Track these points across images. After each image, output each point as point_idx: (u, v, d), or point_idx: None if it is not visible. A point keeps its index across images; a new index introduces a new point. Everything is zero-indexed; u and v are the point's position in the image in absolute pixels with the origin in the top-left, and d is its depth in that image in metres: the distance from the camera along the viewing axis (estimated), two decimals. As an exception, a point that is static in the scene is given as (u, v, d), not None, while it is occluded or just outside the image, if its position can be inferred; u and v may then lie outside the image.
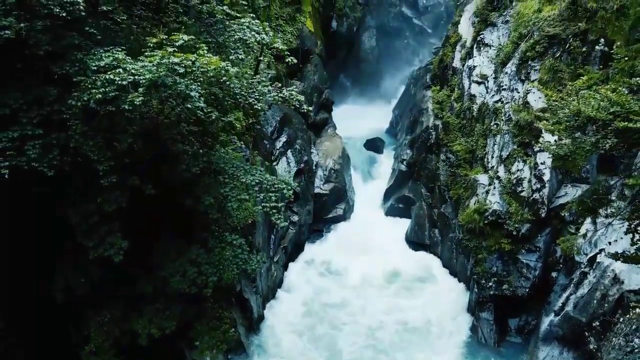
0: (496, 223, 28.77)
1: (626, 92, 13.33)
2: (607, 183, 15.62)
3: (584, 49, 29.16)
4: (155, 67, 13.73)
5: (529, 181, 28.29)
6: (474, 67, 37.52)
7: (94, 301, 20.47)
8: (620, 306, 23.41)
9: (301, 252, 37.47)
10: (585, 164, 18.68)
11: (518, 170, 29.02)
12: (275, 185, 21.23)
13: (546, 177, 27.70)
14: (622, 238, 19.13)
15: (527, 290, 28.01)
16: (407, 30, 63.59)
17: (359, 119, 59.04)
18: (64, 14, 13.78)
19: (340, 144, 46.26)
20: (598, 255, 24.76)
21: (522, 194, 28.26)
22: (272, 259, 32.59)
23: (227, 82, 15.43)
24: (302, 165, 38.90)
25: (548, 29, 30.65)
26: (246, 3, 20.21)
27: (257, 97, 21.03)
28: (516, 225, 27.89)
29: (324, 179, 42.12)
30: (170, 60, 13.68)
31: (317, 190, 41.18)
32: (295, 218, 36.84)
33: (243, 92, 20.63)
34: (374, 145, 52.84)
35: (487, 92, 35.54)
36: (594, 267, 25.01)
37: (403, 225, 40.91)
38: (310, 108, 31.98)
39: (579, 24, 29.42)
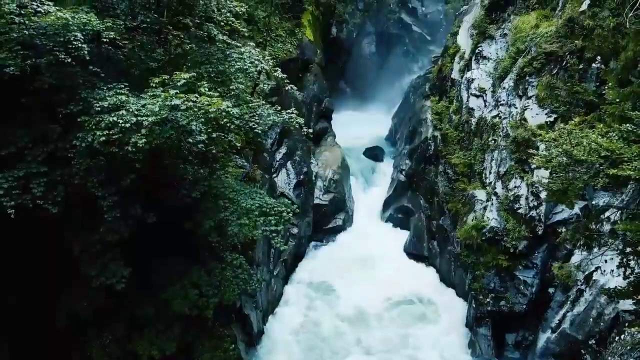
0: (493, 239, 29.08)
1: (616, 137, 13.62)
2: (601, 215, 15.89)
3: (580, 67, 29.38)
4: (158, 109, 14.03)
5: (526, 198, 28.59)
6: (473, 79, 37.79)
7: (96, 322, 20.77)
8: (616, 325, 23.76)
9: (300, 262, 37.72)
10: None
11: (515, 186, 29.33)
12: (275, 209, 21.52)
13: (543, 195, 27.93)
14: (613, 270, 19.47)
15: (524, 306, 28.32)
16: (407, 37, 63.85)
17: (358, 125, 59.24)
18: (68, 60, 14.06)
19: (339, 154, 46.54)
20: (594, 273, 25.09)
21: (520, 210, 28.57)
22: (272, 272, 32.86)
23: (228, 124, 15.69)
24: (301, 176, 39.16)
25: (545, 45, 30.86)
26: (244, 11, 20.30)
27: (257, 120, 21.40)
28: (513, 243, 28.19)
29: (323, 190, 42.39)
30: (173, 103, 13.98)
31: (316, 201, 41.42)
32: (295, 230, 37.11)
33: (244, 117, 21.04)
34: (373, 153, 53.12)
35: (485, 106, 35.84)
36: (590, 284, 25.35)
37: (402, 235, 41.18)
38: (310, 130, 32.28)
39: (576, 41, 29.62)
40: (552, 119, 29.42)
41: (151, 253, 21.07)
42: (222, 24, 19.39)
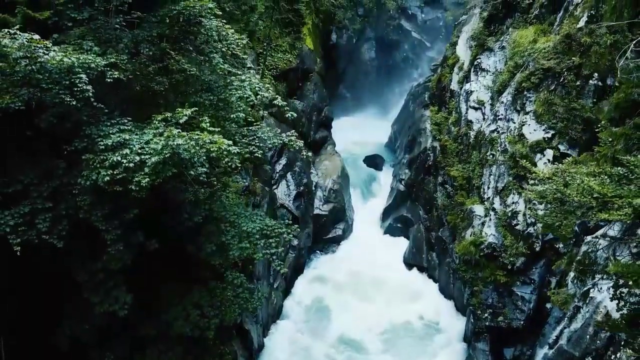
0: (492, 255, 29.36)
1: (608, 180, 13.90)
2: (596, 248, 16.19)
3: (577, 83, 29.63)
4: (160, 147, 14.32)
5: (524, 214, 28.85)
6: (471, 92, 38.06)
7: (98, 344, 21.04)
8: (612, 343, 24.00)
9: (300, 274, 37.97)
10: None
11: (513, 202, 29.60)
12: (275, 230, 21.77)
13: (540, 212, 28.17)
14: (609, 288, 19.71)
15: (521, 322, 28.60)
16: (406, 44, 64.13)
17: (358, 131, 59.68)
18: (74, 103, 14.34)
19: (339, 163, 46.80)
20: (591, 290, 25.34)
21: (517, 227, 28.83)
22: (272, 286, 33.14)
23: (229, 163, 15.99)
24: (301, 187, 39.44)
25: (543, 61, 31.09)
26: (244, 43, 20.57)
27: (258, 144, 21.69)
28: (511, 259, 28.47)
29: (323, 200, 42.65)
30: (175, 143, 14.27)
31: (316, 212, 41.68)
32: (295, 242, 37.26)
33: (244, 141, 21.36)
34: (373, 161, 53.48)
35: (483, 119, 36.11)
36: (587, 301, 25.58)
37: (401, 245, 41.50)
38: (310, 154, 32.71)
39: (573, 58, 29.85)
40: (549, 135, 29.68)
41: (152, 274, 21.36)
42: (223, 50, 19.60)
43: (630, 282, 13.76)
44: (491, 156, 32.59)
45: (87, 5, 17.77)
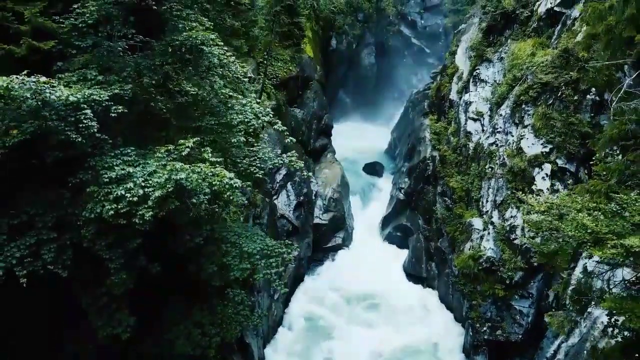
0: (490, 269, 29.64)
1: (602, 217, 14.17)
2: (591, 278, 16.44)
3: (575, 98, 29.89)
4: (164, 181, 14.58)
5: (522, 229, 29.09)
6: (470, 102, 38.34)
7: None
8: (609, 359, 24.29)
9: (300, 284, 38.22)
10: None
11: (512, 216, 29.87)
12: (276, 250, 22.00)
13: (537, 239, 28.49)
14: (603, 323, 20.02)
15: (520, 336, 28.88)
16: (406, 50, 64.51)
17: (358, 136, 60.17)
18: (79, 139, 14.61)
19: (339, 171, 47.08)
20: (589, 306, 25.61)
21: (516, 241, 29.10)
22: (273, 297, 33.38)
23: (232, 197, 16.25)
24: (301, 197, 39.68)
25: (541, 75, 31.36)
26: (245, 72, 20.82)
27: (259, 165, 21.93)
28: (509, 274, 28.75)
29: (323, 209, 42.90)
30: (178, 177, 14.53)
31: (316, 221, 41.89)
32: (295, 253, 37.49)
33: (245, 161, 21.60)
34: (373, 169, 53.78)
35: (482, 131, 36.37)
36: (584, 316, 25.84)
37: (401, 254, 41.79)
38: (310, 174, 32.87)
39: (571, 72, 30.10)
40: (547, 150, 29.95)
41: (154, 293, 21.59)
42: (224, 74, 19.84)
43: (623, 318, 14.03)
44: (490, 169, 32.84)
45: (91, 31, 18.01)
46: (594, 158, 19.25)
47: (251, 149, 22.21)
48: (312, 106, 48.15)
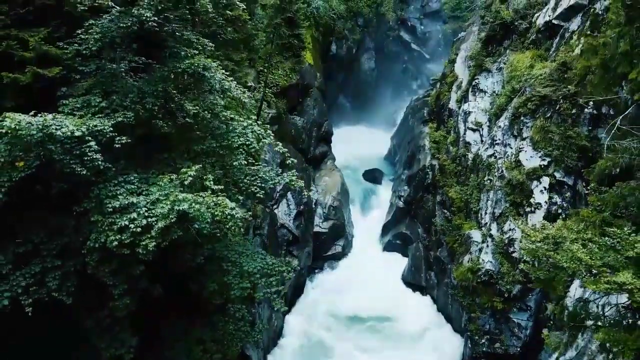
0: (489, 282, 29.89)
1: (596, 249, 14.43)
2: (586, 304, 16.71)
3: (573, 111, 30.06)
4: (167, 211, 14.85)
5: (520, 242, 29.28)
6: (469, 112, 38.56)
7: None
8: (606, 373, 24.54)
9: (300, 295, 38.40)
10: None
11: (510, 229, 30.09)
12: (276, 269, 22.27)
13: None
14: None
15: (518, 349, 29.15)
16: (406, 55, 64.68)
17: (358, 141, 60.14)
18: (84, 172, 14.87)
19: (339, 178, 47.30)
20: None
21: (514, 254, 29.33)
22: (273, 308, 33.53)
23: (233, 227, 16.50)
24: (301, 206, 39.88)
25: (539, 88, 31.53)
26: (246, 100, 21.06)
27: (259, 184, 22.19)
28: (508, 287, 29.00)
29: (323, 217, 43.12)
30: (181, 208, 14.80)
31: (316, 229, 42.08)
32: (295, 262, 37.71)
33: (246, 181, 21.86)
34: (372, 176, 53.95)
35: (481, 141, 36.61)
36: (582, 330, 26.09)
37: (400, 262, 42.00)
38: (310, 193, 33.07)
39: (569, 86, 30.29)
40: (545, 163, 30.16)
41: (155, 311, 21.85)
42: (226, 96, 20.11)
43: (616, 350, 14.29)
44: (488, 181, 33.08)
45: (95, 53, 18.26)
46: (588, 187, 19.50)
47: (252, 167, 22.46)
48: (312, 114, 48.35)
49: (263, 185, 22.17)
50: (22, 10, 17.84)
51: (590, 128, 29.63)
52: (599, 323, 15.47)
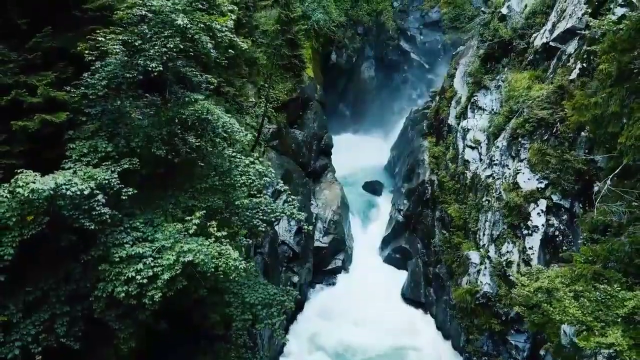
0: (486, 305, 30.33)
1: (587, 303, 14.86)
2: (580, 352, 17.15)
3: (570, 135, 30.43)
4: (172, 262, 15.30)
5: (518, 265, 29.79)
6: (468, 130, 38.97)
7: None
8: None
9: (301, 312, 38.78)
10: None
11: (508, 252, 30.52)
12: (277, 298, 22.72)
13: (534, 263, 29.13)
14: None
15: (516, 371, 29.61)
16: (405, 64, 64.99)
17: (357, 150, 60.54)
18: (92, 227, 15.32)
19: (339, 191, 47.69)
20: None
21: (511, 277, 29.71)
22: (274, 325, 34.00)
23: (236, 277, 16.94)
24: (302, 222, 40.15)
25: (536, 110, 31.87)
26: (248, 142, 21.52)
27: (261, 217, 22.67)
28: (505, 309, 29.41)
29: (323, 231, 43.54)
30: (186, 259, 15.25)
31: (316, 244, 42.52)
32: (296, 279, 38.28)
33: (247, 214, 22.31)
34: (372, 187, 54.41)
35: (480, 160, 37.01)
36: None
37: (400, 277, 42.42)
38: (311, 227, 33.38)
39: (566, 109, 30.61)
40: (543, 185, 30.54)
41: (159, 342, 22.29)
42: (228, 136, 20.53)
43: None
44: (487, 202, 33.51)
45: (100, 97, 18.69)
46: (581, 238, 19.90)
47: (254, 200, 22.89)
48: (313, 127, 48.79)
49: (265, 218, 22.65)
50: (31, 56, 18.22)
51: (586, 151, 29.95)
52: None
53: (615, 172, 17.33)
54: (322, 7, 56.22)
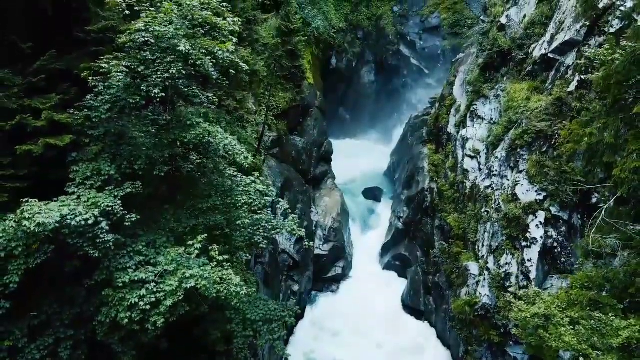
0: (485, 316, 30.54)
1: (583, 331, 15.09)
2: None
3: (568, 146, 30.60)
4: (175, 288, 15.54)
5: (517, 277, 30.01)
6: (467, 139, 39.17)
7: None
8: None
9: (301, 321, 38.96)
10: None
11: (506, 263, 30.72)
12: (278, 314, 22.96)
13: (532, 275, 29.39)
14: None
15: (514, 383, 29.85)
16: (405, 69, 65.12)
17: (357, 155, 60.81)
18: (96, 254, 15.55)
19: (339, 198, 47.90)
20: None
21: (510, 289, 29.95)
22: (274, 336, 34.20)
23: (238, 304, 17.18)
24: (302, 230, 40.37)
25: (535, 122, 32.08)
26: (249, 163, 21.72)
27: (262, 234, 22.91)
28: (504, 322, 29.62)
29: (323, 239, 43.77)
30: (188, 285, 15.49)
31: (317, 252, 42.79)
32: (296, 287, 38.53)
33: (249, 231, 22.54)
34: (372, 194, 54.62)
35: (479, 169, 37.22)
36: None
37: (399, 284, 42.75)
38: (312, 243, 33.55)
39: (564, 121, 30.83)
40: (541, 197, 30.74)
41: (160, 357, 22.51)
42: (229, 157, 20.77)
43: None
44: (486, 213, 33.72)
45: (103, 120, 18.90)
46: (576, 264, 20.11)
47: (254, 216, 23.10)
48: (313, 134, 49.01)
49: (266, 234, 22.89)
50: (35, 79, 18.41)
51: (585, 164, 30.12)
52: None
53: (610, 202, 17.54)
54: (322, 14, 56.41)
